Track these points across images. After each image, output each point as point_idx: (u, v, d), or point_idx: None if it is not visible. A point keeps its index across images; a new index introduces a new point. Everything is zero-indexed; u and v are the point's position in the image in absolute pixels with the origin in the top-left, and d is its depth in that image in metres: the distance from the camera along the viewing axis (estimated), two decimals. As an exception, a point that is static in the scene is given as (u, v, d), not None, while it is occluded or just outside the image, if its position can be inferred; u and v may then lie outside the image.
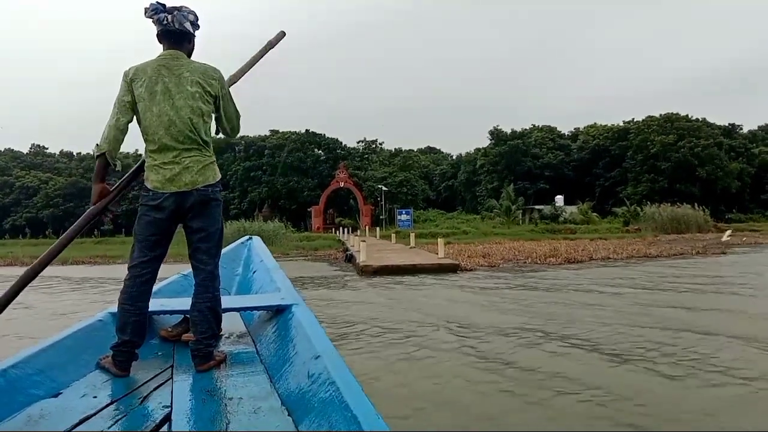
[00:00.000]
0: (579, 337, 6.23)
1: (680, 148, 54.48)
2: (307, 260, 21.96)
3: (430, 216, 56.89)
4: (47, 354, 2.55)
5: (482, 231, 41.89)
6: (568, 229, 42.87)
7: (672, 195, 49.97)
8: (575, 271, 13.86)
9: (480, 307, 8.57)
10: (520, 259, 17.03)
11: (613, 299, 9.20)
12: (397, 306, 9.01)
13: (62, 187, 69.53)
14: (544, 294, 10.01)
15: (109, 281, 14.82)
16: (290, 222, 44.39)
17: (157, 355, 2.98)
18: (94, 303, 10.08)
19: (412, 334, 6.64)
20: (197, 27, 2.85)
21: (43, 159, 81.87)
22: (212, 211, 2.73)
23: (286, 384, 2.38)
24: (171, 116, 2.66)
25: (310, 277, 13.69)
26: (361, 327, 7.23)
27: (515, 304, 8.83)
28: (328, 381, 2.05)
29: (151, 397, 2.38)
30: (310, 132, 62.83)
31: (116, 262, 23.21)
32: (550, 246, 22.43)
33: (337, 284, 12.40)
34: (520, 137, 65.11)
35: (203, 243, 2.72)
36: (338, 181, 54.31)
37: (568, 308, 8.37)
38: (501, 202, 50.41)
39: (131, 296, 2.68)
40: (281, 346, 2.77)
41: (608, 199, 57.77)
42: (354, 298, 10.33)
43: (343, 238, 33.65)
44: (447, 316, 7.60)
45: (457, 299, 9.62)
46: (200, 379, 2.56)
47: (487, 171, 65.39)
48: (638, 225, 43.85)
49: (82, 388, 2.45)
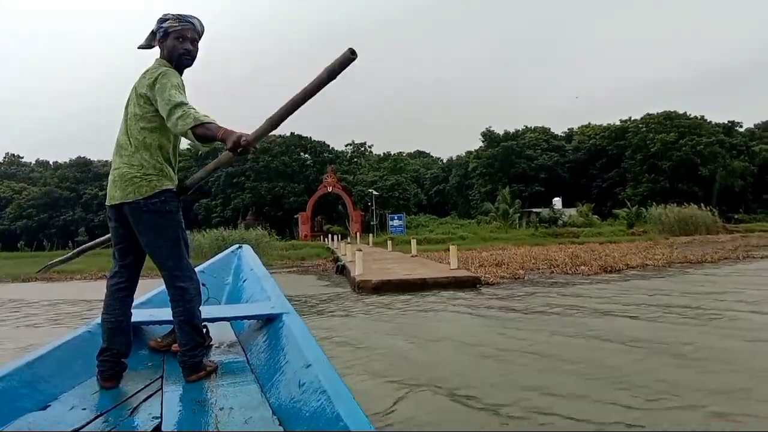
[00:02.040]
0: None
1: (681, 147, 52.43)
2: (292, 272, 19.21)
3: (422, 221, 54.36)
4: (35, 366, 2.52)
5: (480, 236, 39.48)
6: (571, 233, 40.56)
7: (674, 195, 47.93)
8: (621, 283, 11.30)
9: (545, 360, 5.31)
10: (542, 269, 14.50)
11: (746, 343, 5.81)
12: (410, 350, 6.11)
13: (36, 197, 66.21)
14: (626, 324, 6.99)
15: (51, 305, 12.06)
16: (275, 230, 41.57)
17: (147, 365, 2.95)
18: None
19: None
20: (160, 28, 2.75)
21: (18, 168, 78.65)
22: (149, 226, 2.61)
23: (277, 393, 2.37)
24: (125, 122, 2.70)
25: (293, 297, 10.97)
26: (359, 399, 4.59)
27: (596, 346, 5.78)
28: (319, 390, 2.04)
29: (140, 409, 2.36)
30: (295, 135, 60.02)
31: (74, 278, 20.36)
32: (565, 252, 19.97)
33: (326, 308, 9.61)
34: (513, 138, 62.96)
35: (154, 258, 2.68)
36: (326, 186, 51.46)
37: (686, 361, 5.09)
38: (498, 206, 47.97)
39: (106, 305, 2.70)
40: (272, 355, 2.76)
41: (606, 200, 55.68)
42: (347, 331, 7.23)
43: (332, 246, 30.96)
44: (496, 379, 4.78)
45: (500, 344, 6.01)
46: (190, 389, 2.54)
47: (480, 174, 63.34)
48: (643, 227, 41.80)
49: (71, 400, 2.43)
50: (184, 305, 2.65)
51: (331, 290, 12.27)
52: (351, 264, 15.46)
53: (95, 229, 63.36)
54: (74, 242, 54.24)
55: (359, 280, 11.11)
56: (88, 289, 16.55)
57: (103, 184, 66.52)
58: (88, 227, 64.61)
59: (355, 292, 11.17)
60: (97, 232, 62.17)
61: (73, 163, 71.94)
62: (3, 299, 13.92)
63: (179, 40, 2.76)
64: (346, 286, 13.11)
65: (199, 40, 2.85)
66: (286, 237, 47.59)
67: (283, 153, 57.59)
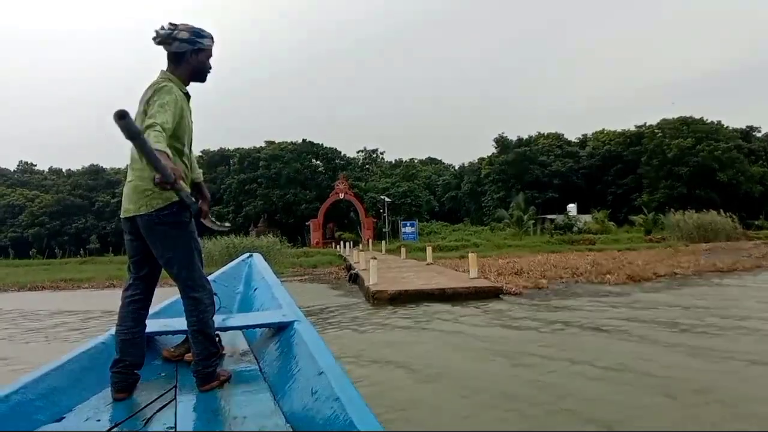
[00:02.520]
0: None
1: (699, 152, 51.40)
2: (304, 281, 18.69)
3: (434, 228, 53.72)
4: (50, 378, 2.52)
5: (494, 243, 38.85)
6: (587, 240, 39.82)
7: (691, 202, 47.00)
8: (655, 294, 10.66)
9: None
10: (565, 277, 13.88)
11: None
12: (435, 374, 5.37)
13: (48, 205, 66.31)
14: (686, 338, 6.39)
15: (60, 316, 11.62)
16: (287, 237, 41.10)
17: (160, 375, 2.94)
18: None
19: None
20: (195, 44, 2.74)
21: (31, 176, 78.91)
22: (162, 237, 2.63)
23: (290, 402, 2.36)
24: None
25: (305, 308, 10.43)
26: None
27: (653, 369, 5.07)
28: (332, 397, 2.03)
29: (154, 419, 2.35)
30: (307, 141, 59.58)
31: (82, 286, 19.97)
32: (584, 259, 19.33)
33: (340, 320, 9.12)
34: (526, 144, 62.27)
35: (168, 269, 2.68)
36: (338, 193, 50.91)
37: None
38: (512, 212, 47.29)
39: (120, 317, 2.70)
40: (284, 363, 2.75)
41: (622, 207, 54.78)
42: (363, 349, 6.58)
43: (344, 254, 30.44)
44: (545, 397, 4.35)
45: (534, 364, 5.40)
46: (204, 398, 2.55)
47: (493, 180, 62.66)
48: (661, 234, 41.02)
49: (86, 412, 2.43)
50: (198, 315, 2.67)
51: (344, 300, 11.73)
52: (364, 272, 14.92)
53: (107, 237, 63.31)
54: (86, 250, 54.13)
55: (374, 290, 10.55)
56: (94, 297, 16.10)
57: (115, 192, 66.53)
58: (100, 234, 64.59)
59: (369, 303, 10.62)
60: (109, 240, 62.23)
61: (85, 171, 72.08)
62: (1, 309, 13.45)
63: (208, 58, 2.83)
64: (359, 295, 12.57)
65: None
66: (298, 244, 47.10)
67: (294, 160, 57.14)
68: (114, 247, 54.09)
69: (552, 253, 28.56)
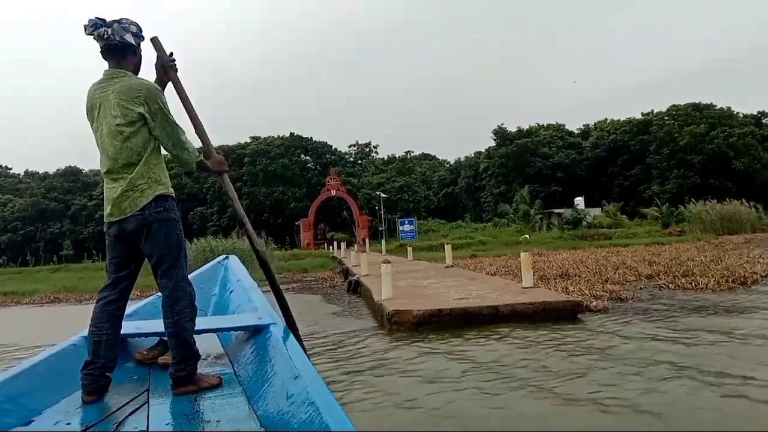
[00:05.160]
0: None
1: (713, 139, 48.34)
2: (291, 290, 15.17)
3: (432, 226, 50.38)
4: (18, 381, 2.50)
5: (502, 240, 35.60)
6: (602, 235, 36.59)
7: (705, 192, 43.96)
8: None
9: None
10: (630, 281, 10.60)
11: None
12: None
13: (21, 209, 62.34)
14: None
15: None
16: (275, 238, 37.61)
17: (133, 378, 2.91)
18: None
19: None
20: (140, 38, 2.78)
21: (5, 180, 74.90)
22: (155, 234, 2.62)
23: (264, 406, 2.33)
24: (103, 143, 2.66)
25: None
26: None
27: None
28: (307, 402, 2.01)
29: (126, 422, 2.31)
30: (295, 135, 55.87)
31: (22, 301, 16.38)
32: (621, 257, 16.06)
33: (339, 369, 5.27)
34: (527, 135, 59.00)
35: (157, 266, 2.67)
36: (329, 189, 47.25)
37: None
38: (516, 207, 43.96)
39: (94, 318, 2.66)
40: (259, 366, 2.72)
41: (630, 199, 51.59)
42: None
43: (339, 256, 26.95)
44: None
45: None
46: (177, 402, 2.50)
47: (492, 174, 59.56)
48: (680, 227, 38.09)
49: (55, 415, 2.40)
50: (173, 317, 2.61)
51: (345, 323, 8.25)
52: (368, 280, 11.47)
53: (84, 242, 59.48)
54: (58, 256, 50.33)
55: (391, 310, 7.03)
56: (24, 318, 12.62)
57: (92, 194, 62.73)
58: (76, 239, 60.75)
59: (384, 329, 7.18)
60: (86, 245, 58.39)
61: (61, 173, 68.07)
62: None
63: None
64: (365, 313, 9.13)
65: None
66: (287, 245, 43.68)
67: (281, 155, 53.41)
68: (90, 252, 50.39)
69: (572, 249, 25.29)
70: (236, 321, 3.31)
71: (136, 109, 2.56)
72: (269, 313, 3.20)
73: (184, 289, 2.64)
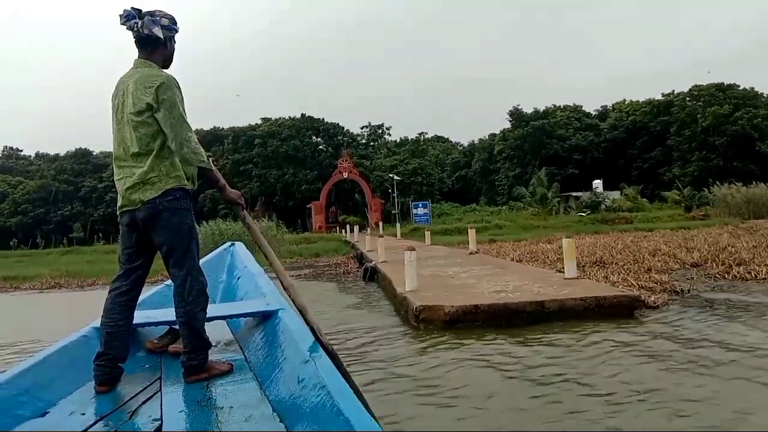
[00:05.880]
0: None
1: (737, 120, 46.67)
2: (302, 277, 14.30)
3: (446, 209, 49.30)
4: (32, 373, 2.50)
5: (519, 224, 34.46)
6: (623, 218, 35.44)
7: (728, 174, 42.44)
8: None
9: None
10: (674, 269, 9.61)
11: None
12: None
13: (31, 192, 61.87)
14: None
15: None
16: (286, 221, 36.77)
17: (144, 367, 2.91)
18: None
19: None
20: (173, 31, 2.75)
21: (16, 162, 74.47)
22: (166, 223, 2.60)
23: (276, 390, 2.34)
24: (120, 131, 2.66)
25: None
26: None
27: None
28: (318, 385, 2.01)
29: (140, 411, 2.31)
30: (306, 117, 54.77)
31: (21, 287, 15.65)
32: (652, 242, 15.01)
33: (375, 379, 4.41)
34: (543, 117, 57.48)
35: (169, 256, 2.64)
36: (341, 172, 46.23)
37: None
38: (533, 189, 42.69)
39: (106, 309, 2.65)
40: (270, 352, 2.73)
41: (648, 182, 50.11)
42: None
43: (352, 240, 26.05)
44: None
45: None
46: (189, 390, 2.49)
47: (508, 157, 58.19)
48: (704, 210, 36.83)
49: (70, 406, 2.40)
50: (184, 306, 2.60)
51: (364, 318, 7.35)
52: (386, 267, 10.55)
53: (95, 224, 59.07)
54: (69, 239, 49.87)
55: (419, 305, 6.10)
56: (20, 305, 11.85)
57: (103, 176, 62.13)
58: (87, 222, 60.29)
59: (408, 326, 6.27)
60: (97, 227, 57.97)
61: (71, 155, 67.44)
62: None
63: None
64: (384, 306, 8.22)
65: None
66: (298, 229, 42.88)
67: (293, 136, 52.37)
68: (101, 235, 49.86)
69: (595, 234, 24.15)
70: (245, 307, 3.30)
71: (145, 99, 2.55)
72: (277, 299, 3.19)
73: (196, 279, 2.63)
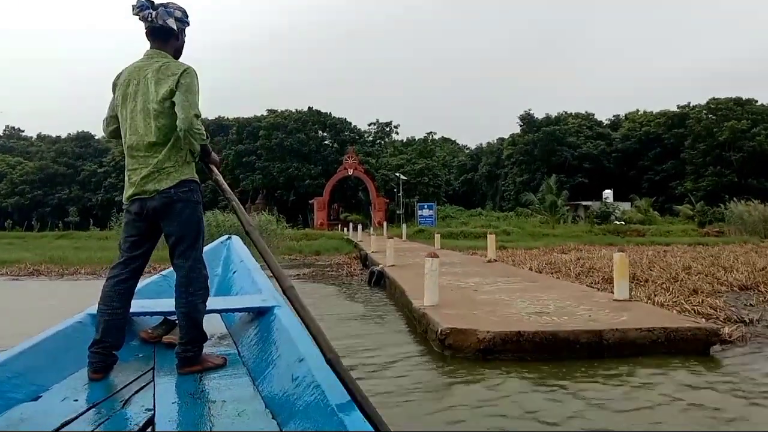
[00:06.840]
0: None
1: (755, 136, 45.43)
2: (301, 278, 13.12)
3: (450, 212, 48.10)
4: (26, 357, 2.49)
5: (527, 231, 33.32)
6: (635, 231, 34.28)
7: (742, 191, 41.34)
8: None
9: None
10: (722, 291, 8.48)
11: None
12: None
13: (30, 173, 60.75)
14: None
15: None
16: (287, 216, 35.59)
17: (138, 357, 2.89)
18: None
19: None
20: (185, 23, 2.78)
21: (17, 142, 73.35)
22: (178, 213, 2.61)
23: (269, 387, 2.33)
24: (133, 120, 2.63)
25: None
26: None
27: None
28: (312, 384, 2.01)
29: (133, 400, 2.30)
30: (313, 110, 53.55)
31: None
32: (698, 258, 13.83)
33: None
34: (555, 123, 56.28)
35: (176, 246, 2.64)
36: (346, 168, 45.04)
37: None
38: (542, 196, 41.49)
39: (104, 296, 2.63)
40: (264, 348, 2.72)
41: (659, 195, 48.91)
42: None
43: (355, 239, 24.87)
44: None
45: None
46: (182, 381, 2.48)
47: (516, 162, 57.05)
48: (718, 227, 35.74)
49: (63, 391, 2.39)
50: (187, 297, 2.58)
51: (372, 334, 6.19)
52: (395, 273, 9.38)
53: (92, 209, 57.87)
54: (64, 223, 48.76)
55: (446, 328, 4.90)
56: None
57: (103, 161, 60.98)
58: (84, 206, 59.11)
59: (433, 351, 5.12)
60: (94, 212, 56.76)
61: (73, 137, 66.31)
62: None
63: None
64: (394, 319, 7.06)
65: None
66: (299, 224, 41.71)
67: (298, 130, 51.11)
68: (97, 220, 48.73)
69: (609, 246, 22.92)
70: (241, 302, 3.31)
71: (168, 84, 2.54)
72: (273, 296, 3.15)
73: (200, 271, 2.62)
